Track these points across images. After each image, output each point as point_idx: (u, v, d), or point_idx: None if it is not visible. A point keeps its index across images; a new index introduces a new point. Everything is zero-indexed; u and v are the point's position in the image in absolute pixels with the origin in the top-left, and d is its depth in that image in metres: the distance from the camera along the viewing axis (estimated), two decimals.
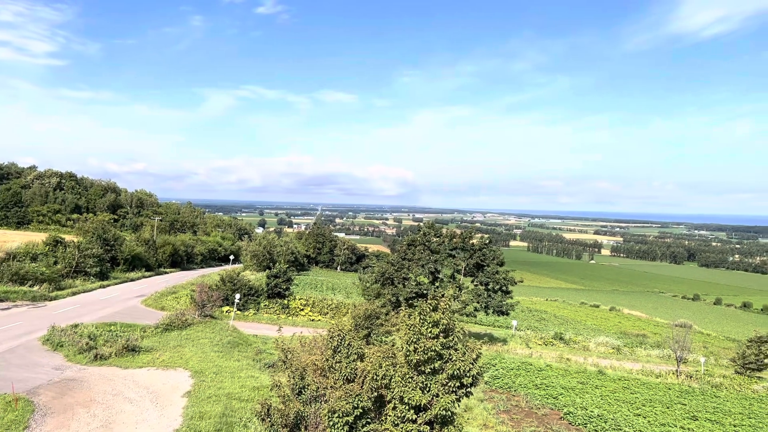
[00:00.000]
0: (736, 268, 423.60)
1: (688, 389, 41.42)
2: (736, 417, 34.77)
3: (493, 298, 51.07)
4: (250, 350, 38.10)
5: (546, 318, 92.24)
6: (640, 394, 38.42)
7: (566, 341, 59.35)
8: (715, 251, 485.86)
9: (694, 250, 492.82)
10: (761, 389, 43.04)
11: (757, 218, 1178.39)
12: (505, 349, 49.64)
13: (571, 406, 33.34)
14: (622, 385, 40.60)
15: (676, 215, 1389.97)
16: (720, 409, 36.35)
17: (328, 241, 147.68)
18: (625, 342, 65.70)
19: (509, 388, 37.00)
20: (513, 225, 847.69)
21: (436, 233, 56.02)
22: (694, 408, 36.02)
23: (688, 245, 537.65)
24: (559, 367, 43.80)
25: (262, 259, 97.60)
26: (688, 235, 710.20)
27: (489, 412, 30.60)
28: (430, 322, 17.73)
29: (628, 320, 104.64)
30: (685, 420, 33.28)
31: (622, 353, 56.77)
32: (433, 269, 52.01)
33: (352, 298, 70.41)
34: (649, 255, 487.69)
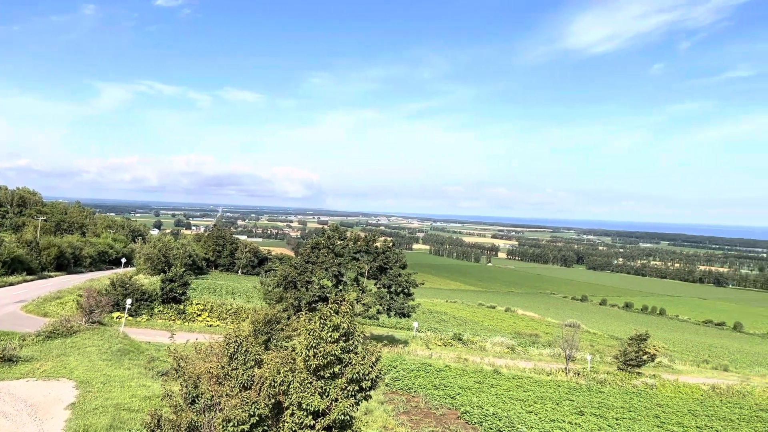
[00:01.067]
0: (620, 270, 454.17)
1: (576, 386, 43.73)
2: (618, 411, 37.04)
3: (395, 301, 51.62)
4: (142, 358, 36.27)
5: (446, 319, 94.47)
6: (532, 391, 40.09)
7: (464, 342, 61.03)
8: (601, 255, 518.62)
9: (582, 254, 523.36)
10: (640, 384, 46.19)
11: (639, 224, 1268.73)
12: (406, 351, 50.30)
13: (468, 406, 34.24)
14: (516, 383, 42.20)
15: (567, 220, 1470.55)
16: (604, 404, 38.59)
17: (229, 244, 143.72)
18: (519, 342, 68.45)
19: (409, 389, 37.46)
20: (416, 228, 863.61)
21: (341, 236, 55.92)
22: (581, 403, 38.03)
23: (577, 249, 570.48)
24: (457, 368, 44.91)
25: (156, 263, 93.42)
26: (577, 240, 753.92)
27: (389, 414, 30.81)
28: (331, 327, 17.53)
29: (522, 320, 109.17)
30: (573, 415, 35.08)
31: (517, 352, 59.09)
32: (337, 272, 51.85)
33: (253, 302, 68.86)
34: (542, 258, 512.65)
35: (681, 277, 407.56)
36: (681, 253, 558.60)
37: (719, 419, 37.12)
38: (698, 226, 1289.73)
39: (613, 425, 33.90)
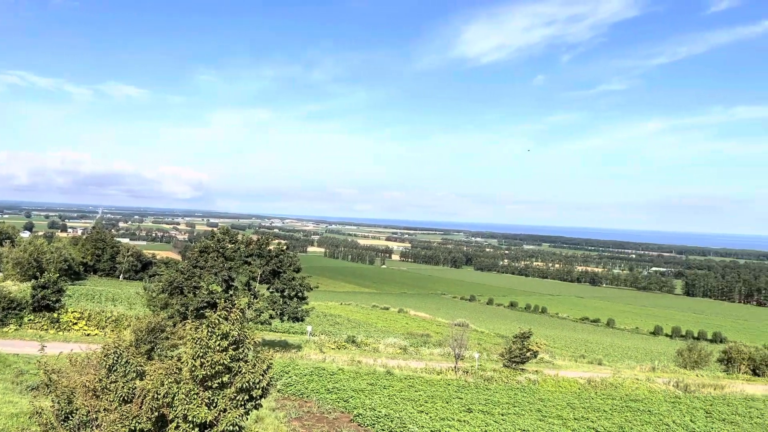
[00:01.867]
0: (505, 271, 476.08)
1: (465, 384, 45.10)
2: (503, 407, 38.59)
3: (288, 305, 50.87)
4: (9, 372, 33.29)
5: (340, 322, 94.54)
6: (423, 391, 40.88)
7: (358, 344, 61.26)
8: (488, 256, 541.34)
9: (471, 255, 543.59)
10: (524, 380, 48.45)
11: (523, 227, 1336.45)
12: (299, 356, 49.70)
13: (361, 408, 34.35)
14: (408, 383, 42.86)
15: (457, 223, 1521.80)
16: (490, 401, 40.07)
17: (110, 247, 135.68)
18: (411, 342, 69.71)
19: (302, 394, 37.02)
20: (311, 231, 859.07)
21: (232, 239, 54.32)
22: (469, 401, 39.26)
23: (466, 251, 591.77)
24: (350, 370, 44.94)
25: (27, 268, 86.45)
26: (466, 242, 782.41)
27: (281, 421, 30.23)
28: (220, 334, 16.91)
29: (414, 321, 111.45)
30: (461, 413, 36.13)
31: (409, 353, 60.13)
32: (227, 277, 50.31)
33: (135, 309, 65.34)
34: (433, 260, 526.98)
35: (560, 277, 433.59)
36: (561, 255, 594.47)
37: (594, 410, 39.66)
38: (576, 229, 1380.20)
39: (499, 421, 35.27)
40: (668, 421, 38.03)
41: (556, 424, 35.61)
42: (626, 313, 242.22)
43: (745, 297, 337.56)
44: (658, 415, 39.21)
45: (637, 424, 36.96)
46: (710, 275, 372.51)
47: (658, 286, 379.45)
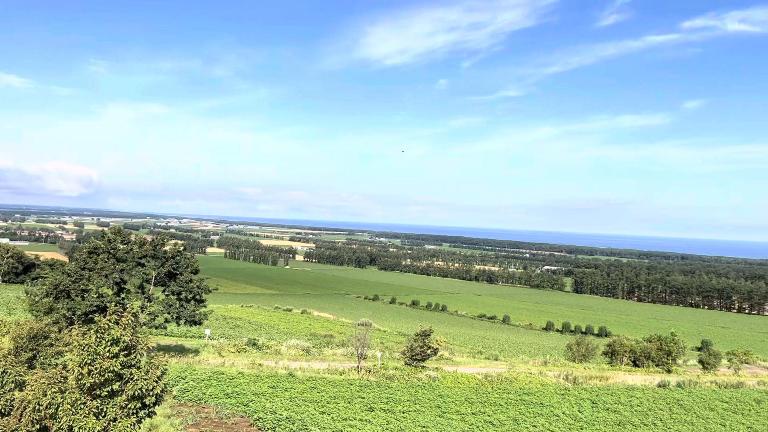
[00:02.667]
0: (408, 270, 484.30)
1: (367, 383, 45.41)
2: (404, 404, 39.22)
3: (185, 308, 49.02)
4: None
5: (240, 325, 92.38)
6: (326, 392, 40.76)
7: (259, 347, 60.12)
8: (392, 256, 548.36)
9: (375, 255, 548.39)
10: (424, 377, 49.45)
11: (425, 227, 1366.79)
12: (197, 360, 48.06)
13: (262, 412, 33.74)
14: (310, 385, 42.57)
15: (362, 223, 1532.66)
16: (392, 399, 40.60)
17: None
18: (314, 343, 69.29)
19: (200, 400, 35.84)
20: (211, 231, 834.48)
21: (124, 239, 51.63)
22: (372, 400, 39.59)
23: (370, 251, 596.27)
24: (251, 374, 44.01)
25: None
26: (371, 242, 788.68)
27: (177, 428, 29.12)
28: (109, 340, 16.07)
29: (317, 322, 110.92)
30: (363, 412, 36.37)
31: (312, 354, 59.73)
32: (119, 279, 47.76)
33: (15, 314, 60.68)
34: (338, 260, 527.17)
35: (460, 275, 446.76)
36: (460, 254, 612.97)
37: (491, 404, 41.17)
38: (475, 230, 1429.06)
39: (400, 418, 35.82)
40: (558, 412, 40.13)
41: (454, 419, 36.65)
42: (521, 310, 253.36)
43: (627, 293, 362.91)
44: (549, 406, 41.29)
45: (530, 416, 38.73)
46: (597, 273, 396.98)
47: (550, 284, 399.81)
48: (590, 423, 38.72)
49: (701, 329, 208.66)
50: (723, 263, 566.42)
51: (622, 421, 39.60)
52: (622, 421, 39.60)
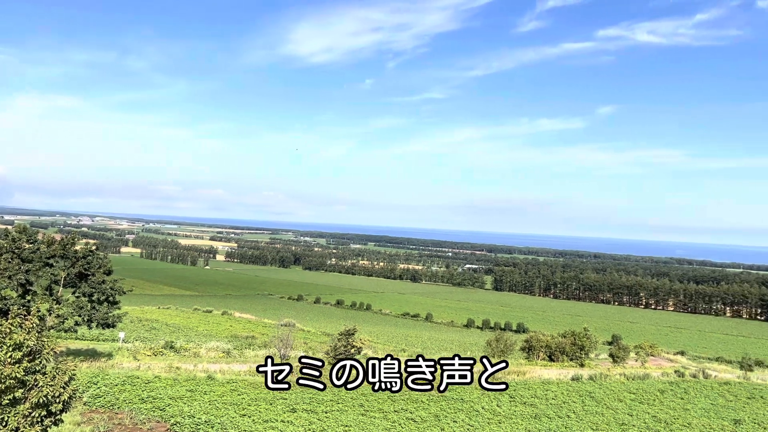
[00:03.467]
0: (333, 270, 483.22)
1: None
2: (327, 404, 39.05)
3: (98, 310, 46.83)
4: None
5: (157, 327, 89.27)
6: (246, 394, 39.99)
7: (177, 349, 58.28)
8: (317, 256, 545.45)
9: (299, 255, 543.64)
10: None
11: (350, 226, 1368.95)
12: (110, 365, 46.00)
13: (179, 416, 32.71)
14: (230, 388, 41.65)
15: (287, 223, 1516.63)
16: (315, 399, 40.33)
17: None
18: (235, 345, 67.91)
19: (113, 405, 34.36)
20: (126, 230, 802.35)
21: (30, 238, 48.72)
22: (294, 401, 39.16)
23: (294, 250, 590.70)
24: (168, 378, 42.57)
25: None
26: (295, 241, 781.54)
27: None
28: (11, 345, 15.10)
29: (239, 323, 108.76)
30: (285, 413, 35.94)
31: (232, 356, 58.49)
32: (24, 281, 45.02)
33: None
34: (261, 260, 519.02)
35: (384, 275, 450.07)
36: (385, 253, 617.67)
37: (413, 401, 41.66)
38: (400, 229, 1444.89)
39: (322, 419, 35.66)
40: (478, 407, 41.13)
41: (377, 418, 36.86)
42: (443, 307, 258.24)
43: (544, 290, 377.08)
44: (470, 402, 42.24)
45: (451, 412, 39.51)
46: (515, 271, 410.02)
47: (471, 282, 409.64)
48: (508, 417, 39.93)
49: (612, 324, 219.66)
50: (632, 261, 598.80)
51: (538, 414, 41.06)
52: (538, 414, 41.06)
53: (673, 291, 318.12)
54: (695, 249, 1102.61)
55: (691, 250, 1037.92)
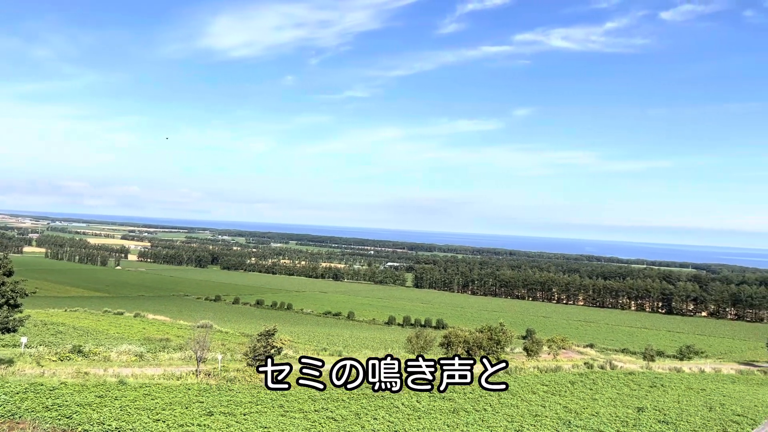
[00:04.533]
0: (253, 269, 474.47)
1: (207, 387, 43.69)
2: (246, 406, 38.30)
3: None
4: None
5: (64, 331, 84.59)
6: (161, 398, 38.58)
7: (86, 354, 55.39)
8: (235, 255, 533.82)
9: (217, 254, 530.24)
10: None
11: (271, 225, 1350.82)
12: (11, 371, 43.11)
13: (87, 423, 31.13)
14: (143, 392, 40.03)
15: (203, 221, 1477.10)
16: (233, 401, 39.45)
17: None
18: (148, 348, 65.36)
19: (13, 415, 32.20)
20: (29, 228, 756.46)
21: None
22: (211, 404, 38.15)
23: (212, 250, 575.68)
24: (75, 383, 40.38)
25: None
26: (213, 240, 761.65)
27: None
28: None
29: (152, 325, 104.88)
30: (202, 417, 34.93)
31: (145, 359, 56.26)
32: None
33: None
34: (176, 259, 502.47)
35: (306, 273, 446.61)
36: (307, 252, 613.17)
37: (333, 400, 41.52)
38: (322, 227, 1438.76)
39: (241, 421, 34.90)
40: (398, 403, 41.52)
41: (297, 418, 36.48)
42: (365, 305, 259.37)
43: (462, 287, 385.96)
44: (390, 398, 42.57)
45: (372, 410, 39.68)
46: (435, 269, 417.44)
47: (393, 280, 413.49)
48: (428, 412, 40.52)
49: (526, 319, 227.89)
50: (545, 258, 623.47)
51: (456, 408, 41.91)
52: (456, 408, 41.91)
53: (583, 286, 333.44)
54: (603, 246, 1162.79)
55: (599, 247, 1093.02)
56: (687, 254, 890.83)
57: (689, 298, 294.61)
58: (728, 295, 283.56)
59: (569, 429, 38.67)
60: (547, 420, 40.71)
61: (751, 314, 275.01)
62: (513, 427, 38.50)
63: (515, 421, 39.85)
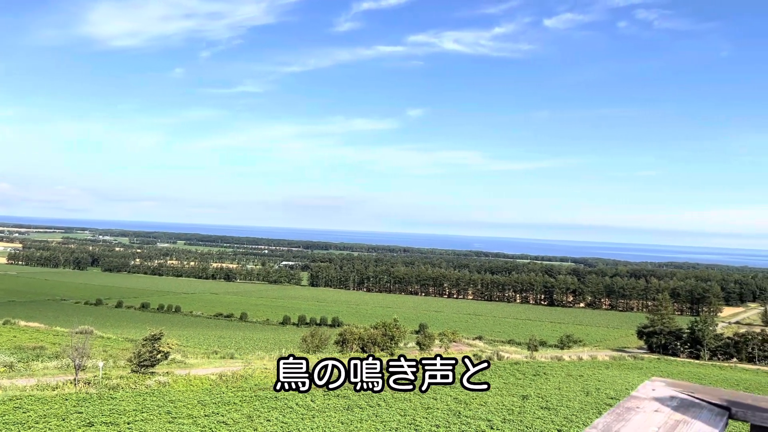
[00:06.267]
0: (137, 271, 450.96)
1: (87, 396, 41.08)
2: (131, 414, 36.37)
3: None
4: None
5: None
6: (34, 411, 35.81)
7: None
8: (118, 256, 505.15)
9: (98, 255, 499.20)
10: (153, 383, 46.49)
11: (158, 224, 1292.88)
12: None
13: None
14: (13, 405, 36.98)
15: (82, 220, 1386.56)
16: (116, 410, 37.34)
17: None
18: (20, 357, 60.45)
19: None
20: None
21: None
22: (92, 414, 35.91)
23: (92, 250, 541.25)
24: None
25: None
26: (93, 241, 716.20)
27: None
28: None
29: (25, 333, 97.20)
30: (81, 428, 32.78)
31: (16, 370, 51.98)
32: None
33: None
34: (52, 262, 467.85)
35: (196, 274, 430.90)
36: (196, 252, 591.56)
37: (225, 404, 40.41)
38: (214, 226, 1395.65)
39: (125, 430, 33.07)
40: (292, 404, 41.12)
41: (186, 424, 35.11)
42: (259, 306, 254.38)
43: (358, 284, 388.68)
44: (284, 399, 42.09)
45: (265, 411, 38.98)
46: (331, 267, 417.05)
47: (288, 279, 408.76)
48: (322, 411, 40.40)
49: (419, 314, 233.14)
50: (437, 255, 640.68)
51: (350, 405, 42.09)
52: (350, 405, 42.09)
53: (473, 281, 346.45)
54: (491, 243, 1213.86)
55: (488, 243, 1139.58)
56: (567, 249, 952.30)
57: (569, 290, 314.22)
58: (603, 287, 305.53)
59: (459, 419, 39.99)
60: (439, 412, 41.88)
61: (623, 304, 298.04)
62: (406, 420, 39.24)
63: (408, 415, 40.64)
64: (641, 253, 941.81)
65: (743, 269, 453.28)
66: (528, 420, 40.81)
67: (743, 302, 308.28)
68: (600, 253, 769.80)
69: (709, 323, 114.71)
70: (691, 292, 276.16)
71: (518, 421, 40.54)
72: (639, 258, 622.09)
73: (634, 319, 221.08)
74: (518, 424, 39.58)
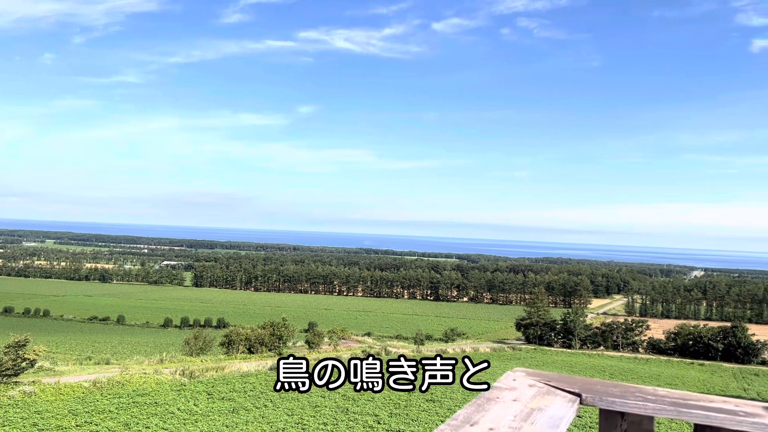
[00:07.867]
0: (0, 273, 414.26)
1: None
2: None
3: None
4: None
5: None
6: None
7: None
8: None
9: None
10: (17, 394, 42.82)
11: (23, 222, 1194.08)
12: None
13: None
14: None
15: None
16: None
17: None
18: None
19: None
20: None
21: None
22: None
23: None
24: None
25: None
26: None
27: None
28: None
29: None
30: None
31: None
32: None
33: None
34: None
35: (67, 276, 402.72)
36: (68, 252, 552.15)
37: (99, 412, 37.97)
38: (86, 224, 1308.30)
39: None
40: (173, 409, 39.43)
41: None
42: (138, 308, 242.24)
43: (245, 284, 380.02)
44: (165, 404, 40.28)
45: (144, 418, 37.10)
46: (216, 266, 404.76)
47: (169, 279, 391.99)
48: (205, 414, 39.06)
49: (309, 312, 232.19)
50: (327, 252, 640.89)
51: (236, 407, 41.04)
52: (236, 407, 41.04)
53: (362, 278, 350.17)
54: (380, 240, 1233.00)
55: (377, 240, 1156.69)
56: (451, 245, 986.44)
57: (453, 285, 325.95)
58: (485, 282, 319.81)
59: (347, 416, 40.18)
60: (327, 410, 41.83)
61: (503, 297, 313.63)
62: (293, 420, 38.85)
63: (296, 414, 40.26)
64: (519, 249, 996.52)
65: (609, 264, 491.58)
66: (414, 413, 41.76)
67: (609, 294, 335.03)
68: (482, 250, 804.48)
69: (580, 314, 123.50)
70: (564, 285, 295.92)
71: (404, 414, 41.38)
72: (517, 254, 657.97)
73: (513, 311, 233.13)
74: (404, 418, 40.39)
